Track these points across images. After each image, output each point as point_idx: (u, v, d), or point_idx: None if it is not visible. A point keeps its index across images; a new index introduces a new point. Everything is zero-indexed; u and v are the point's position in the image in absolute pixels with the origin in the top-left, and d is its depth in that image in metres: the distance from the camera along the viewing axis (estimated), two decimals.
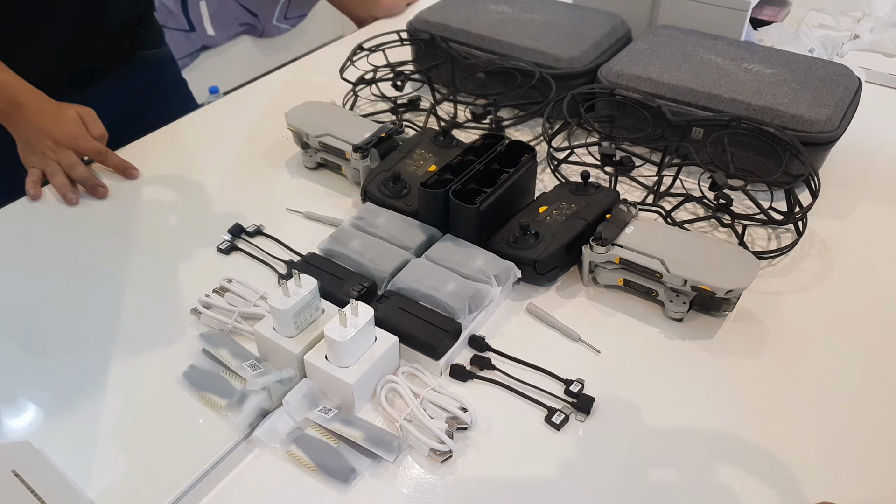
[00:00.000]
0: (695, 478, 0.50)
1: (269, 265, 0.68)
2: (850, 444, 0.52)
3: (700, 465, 0.51)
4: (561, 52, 0.86)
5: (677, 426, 0.54)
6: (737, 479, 0.50)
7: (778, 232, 0.72)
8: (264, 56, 2.59)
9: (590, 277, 0.66)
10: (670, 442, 0.52)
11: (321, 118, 0.79)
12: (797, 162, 0.73)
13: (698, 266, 0.59)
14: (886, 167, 0.83)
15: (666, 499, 0.49)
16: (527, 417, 0.54)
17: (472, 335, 0.60)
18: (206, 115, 0.94)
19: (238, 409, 0.53)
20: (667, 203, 0.74)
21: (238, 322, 0.60)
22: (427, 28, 0.94)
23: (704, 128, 0.77)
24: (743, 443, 0.52)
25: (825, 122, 0.74)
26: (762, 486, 0.50)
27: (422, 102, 0.91)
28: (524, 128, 0.88)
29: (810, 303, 0.64)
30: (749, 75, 0.80)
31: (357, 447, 0.51)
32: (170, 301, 0.64)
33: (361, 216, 0.68)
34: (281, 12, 2.55)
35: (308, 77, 1.03)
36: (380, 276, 0.62)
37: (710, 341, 0.60)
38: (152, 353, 0.60)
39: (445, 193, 0.64)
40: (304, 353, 0.54)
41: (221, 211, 0.75)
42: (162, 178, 0.81)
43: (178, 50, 2.30)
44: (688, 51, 0.85)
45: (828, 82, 0.79)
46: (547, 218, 0.66)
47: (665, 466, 0.51)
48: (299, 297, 0.53)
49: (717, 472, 0.50)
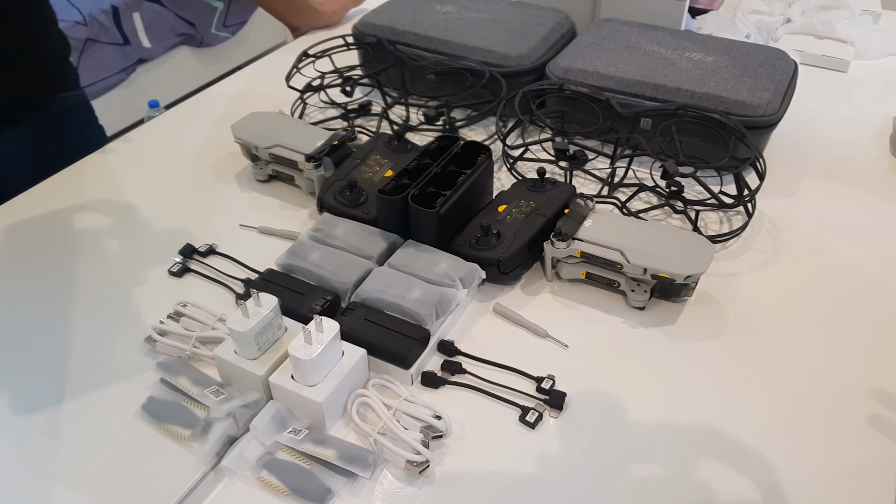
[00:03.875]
0: (671, 463, 0.51)
1: (225, 285, 0.66)
2: (810, 417, 0.54)
3: (674, 449, 0.52)
4: (509, 49, 0.86)
5: (648, 413, 0.54)
6: (710, 460, 0.51)
7: (729, 215, 0.74)
8: (205, 66, 2.53)
9: (553, 273, 0.66)
10: (644, 429, 0.53)
11: (270, 129, 0.78)
12: (743, 146, 0.75)
13: (656, 254, 0.60)
14: (825, 145, 0.86)
15: (644, 486, 0.49)
16: (501, 419, 0.54)
17: (441, 340, 0.60)
18: (147, 132, 0.91)
19: (203, 439, 0.51)
20: (621, 194, 0.75)
21: (196, 347, 0.58)
22: (373, 31, 0.93)
23: (652, 118, 0.78)
24: (711, 423, 0.53)
25: (766, 105, 0.76)
26: (732, 464, 0.50)
27: (373, 107, 0.90)
28: (478, 127, 0.88)
29: (764, 281, 0.66)
30: (691, 64, 0.82)
31: (331, 467, 0.50)
32: (122, 331, 0.62)
33: (319, 227, 0.67)
34: (219, 20, 2.50)
35: (253, 87, 1.00)
36: (343, 289, 0.61)
37: (673, 326, 0.61)
38: (107, 388, 0.57)
39: (404, 199, 0.63)
40: (269, 375, 0.53)
41: (170, 232, 0.73)
42: (102, 203, 0.78)
43: (112, 65, 2.23)
44: (631, 43, 0.86)
45: (766, 66, 0.81)
46: (507, 217, 0.66)
47: (640, 454, 0.51)
48: (260, 317, 0.52)
49: (691, 455, 0.51)
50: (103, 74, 2.21)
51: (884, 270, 0.67)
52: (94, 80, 2.17)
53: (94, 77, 2.17)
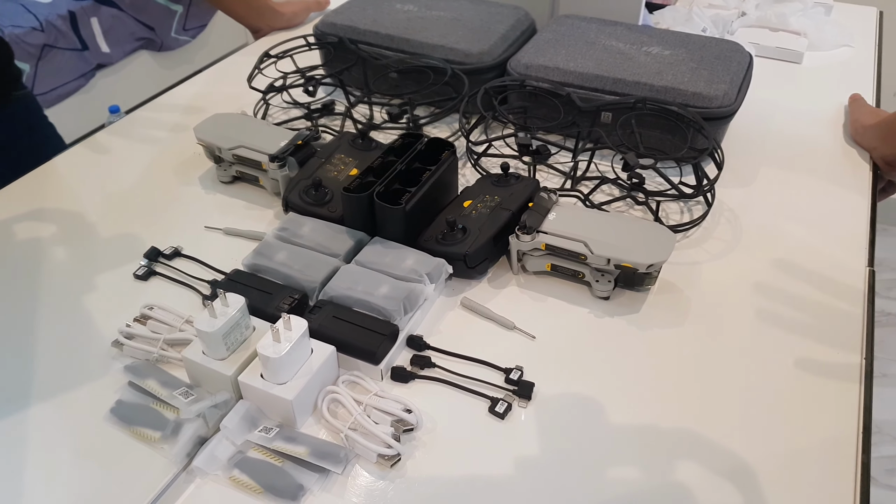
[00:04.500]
0: (637, 448, 0.52)
1: (191, 287, 0.65)
2: (771, 401, 0.55)
3: (640, 435, 0.53)
4: (470, 47, 0.86)
5: (614, 400, 0.55)
6: (676, 444, 0.52)
7: (689, 205, 0.76)
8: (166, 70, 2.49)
9: (519, 266, 0.67)
10: (609, 416, 0.54)
11: (233, 130, 0.77)
12: (701, 137, 0.77)
13: (619, 245, 0.62)
14: (781, 134, 0.89)
15: (612, 471, 0.50)
16: (471, 410, 0.55)
17: (410, 335, 0.60)
18: (107, 137, 0.89)
19: (173, 440, 0.51)
20: (584, 187, 0.76)
21: (164, 350, 0.58)
22: (334, 31, 0.93)
23: (612, 111, 0.79)
24: (676, 409, 0.55)
25: (723, 96, 0.78)
26: (698, 448, 0.52)
27: (336, 106, 0.90)
28: (441, 125, 0.89)
29: (725, 268, 0.68)
30: (650, 58, 0.83)
31: (303, 463, 0.50)
32: (89, 335, 0.61)
33: (285, 227, 0.66)
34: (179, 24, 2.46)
35: (215, 88, 1.00)
36: (310, 287, 0.61)
37: (637, 315, 0.63)
38: (75, 392, 0.56)
39: (370, 196, 0.63)
40: (238, 375, 0.53)
41: (135, 236, 0.72)
42: (63, 209, 0.77)
43: (71, 70, 2.18)
44: (590, 38, 0.88)
45: (722, 59, 0.83)
46: (472, 212, 0.67)
47: (607, 440, 0.52)
48: (227, 317, 0.52)
49: (657, 440, 0.52)
50: (62, 80, 2.16)
51: (841, 255, 0.69)
52: (52, 87, 2.12)
53: (52, 83, 2.12)
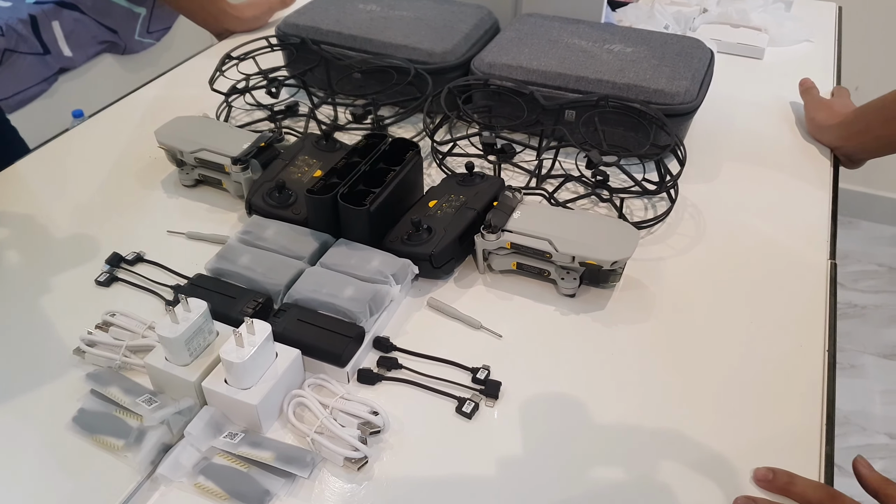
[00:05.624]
0: (605, 443, 0.52)
1: (154, 293, 0.64)
2: (738, 393, 0.56)
3: (608, 430, 0.53)
4: (433, 46, 0.86)
5: (581, 396, 0.56)
6: (643, 438, 0.53)
7: (653, 201, 0.77)
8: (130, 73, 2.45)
9: (485, 265, 0.67)
10: (577, 412, 0.55)
11: (195, 133, 0.76)
12: (663, 133, 0.78)
13: (584, 242, 0.62)
14: (743, 130, 0.90)
15: (581, 467, 0.51)
16: (438, 411, 0.55)
17: (376, 337, 0.60)
18: (67, 142, 0.88)
19: (137, 448, 0.50)
20: (549, 185, 0.77)
21: (127, 356, 0.57)
22: (296, 32, 0.92)
23: (576, 109, 0.80)
24: (642, 403, 0.55)
25: (685, 93, 0.79)
26: (666, 441, 0.53)
27: (300, 108, 0.89)
28: (406, 125, 0.89)
29: (689, 264, 0.69)
30: (612, 55, 0.84)
31: (269, 468, 0.49)
32: (49, 343, 0.60)
33: (248, 230, 0.66)
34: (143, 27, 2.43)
35: (176, 91, 0.98)
36: (274, 290, 0.60)
37: (603, 312, 0.63)
38: (35, 402, 0.55)
39: (333, 198, 0.63)
40: (202, 380, 0.52)
41: (97, 241, 0.71)
42: (22, 215, 0.75)
43: (32, 75, 2.13)
44: (553, 36, 0.88)
45: (683, 56, 0.84)
46: (438, 212, 0.67)
47: (574, 437, 0.53)
48: (189, 323, 0.51)
49: (625, 435, 0.53)
50: (23, 85, 2.11)
51: (802, 248, 0.71)
52: (13, 92, 2.07)
53: (13, 89, 2.07)
